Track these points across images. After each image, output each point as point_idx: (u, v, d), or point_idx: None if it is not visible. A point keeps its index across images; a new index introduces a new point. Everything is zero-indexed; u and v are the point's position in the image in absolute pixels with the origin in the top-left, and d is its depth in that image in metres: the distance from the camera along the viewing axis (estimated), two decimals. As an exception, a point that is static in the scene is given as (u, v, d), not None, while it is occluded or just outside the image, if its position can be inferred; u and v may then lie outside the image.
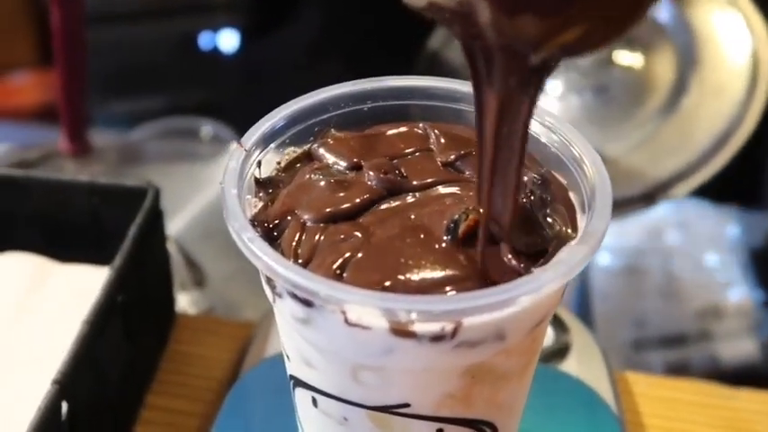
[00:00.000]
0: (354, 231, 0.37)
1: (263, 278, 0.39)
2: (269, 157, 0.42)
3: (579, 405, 0.55)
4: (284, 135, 0.43)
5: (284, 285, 0.35)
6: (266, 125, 0.42)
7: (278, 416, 0.51)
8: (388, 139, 0.43)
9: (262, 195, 0.41)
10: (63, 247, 0.63)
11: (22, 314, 0.58)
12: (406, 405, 0.38)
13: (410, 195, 0.39)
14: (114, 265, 0.54)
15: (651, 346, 0.90)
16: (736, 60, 0.83)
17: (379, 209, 0.39)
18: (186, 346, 0.64)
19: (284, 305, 0.37)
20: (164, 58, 1.35)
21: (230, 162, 0.40)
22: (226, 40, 1.36)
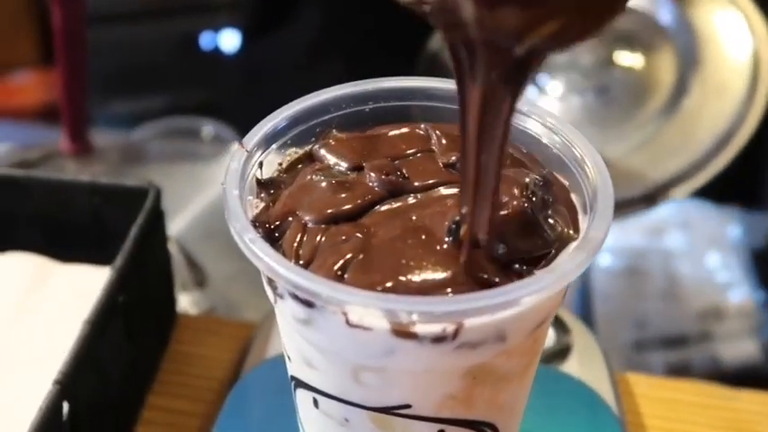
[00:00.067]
0: (355, 232, 0.37)
1: (264, 279, 0.39)
2: (270, 157, 0.42)
3: (580, 406, 0.55)
4: (286, 136, 0.43)
5: (285, 286, 0.35)
6: (268, 126, 0.42)
7: (279, 416, 0.51)
8: (389, 139, 0.43)
9: (263, 196, 0.41)
10: (64, 247, 0.63)
11: (22, 314, 0.58)
12: (407, 406, 0.38)
13: (411, 196, 0.39)
14: (115, 266, 0.54)
15: (652, 346, 0.90)
16: (738, 60, 0.83)
17: (380, 210, 0.39)
18: (187, 346, 0.64)
19: (285, 306, 0.37)
20: (165, 57, 1.35)
21: (232, 163, 0.40)
22: (227, 40, 1.36)
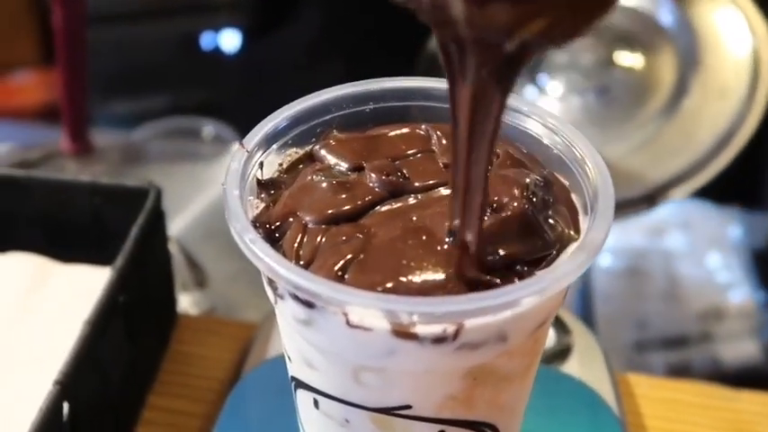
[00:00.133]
0: (356, 233, 0.37)
1: (264, 279, 0.39)
2: (271, 158, 0.42)
3: (581, 406, 0.55)
4: (286, 136, 0.43)
5: (286, 287, 0.35)
6: (268, 126, 0.42)
7: (279, 417, 0.51)
8: (390, 140, 0.43)
9: (263, 196, 0.41)
10: (64, 247, 0.63)
11: (23, 314, 0.58)
12: (407, 407, 0.38)
13: (412, 197, 0.39)
14: (116, 266, 0.54)
15: (653, 347, 0.90)
16: (738, 61, 0.83)
17: (380, 210, 0.39)
18: (188, 346, 0.64)
19: (286, 306, 0.37)
20: (165, 58, 1.35)
21: (232, 163, 0.40)
22: (227, 40, 1.36)
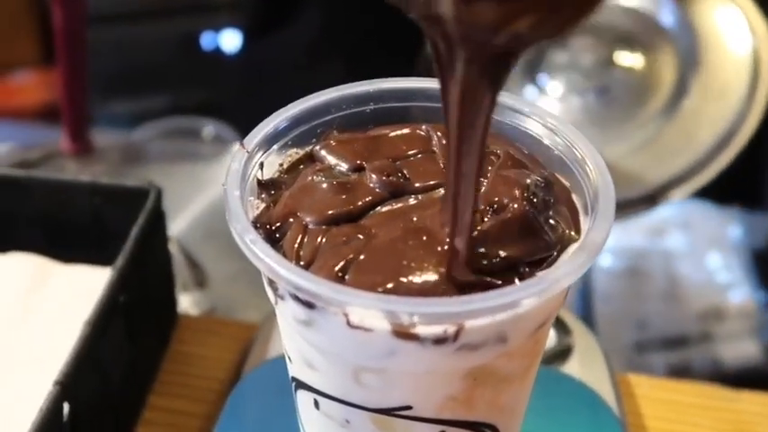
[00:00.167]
0: (356, 233, 0.37)
1: (265, 280, 0.39)
2: (271, 158, 0.42)
3: (581, 407, 0.55)
4: (287, 137, 0.43)
5: (286, 287, 0.35)
6: (269, 126, 0.42)
7: (279, 417, 0.51)
8: (390, 140, 0.43)
9: (264, 197, 0.41)
10: (65, 247, 0.63)
11: (23, 314, 0.58)
12: (407, 407, 0.38)
13: (412, 197, 0.39)
14: (116, 266, 0.54)
15: (653, 347, 0.90)
16: (738, 61, 0.82)
17: (381, 211, 0.39)
18: (188, 346, 0.64)
19: (286, 307, 0.37)
20: (165, 57, 1.35)
21: (233, 163, 0.40)
22: (227, 40, 1.36)
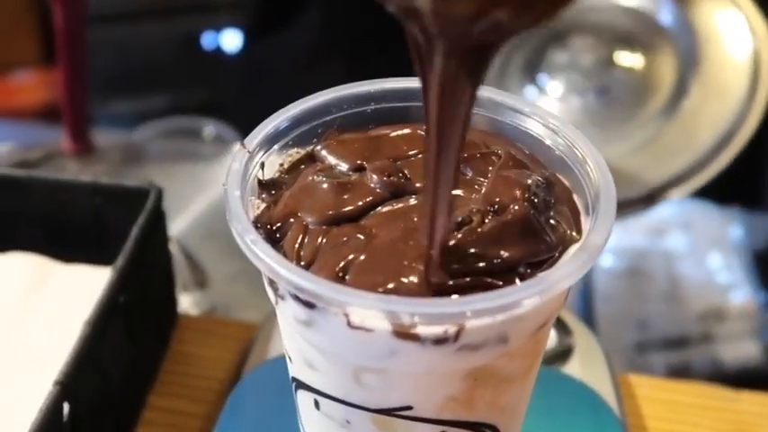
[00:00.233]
0: (357, 233, 0.37)
1: (265, 280, 0.39)
2: (272, 158, 0.42)
3: (582, 407, 0.55)
4: (287, 136, 0.43)
5: (286, 287, 0.35)
6: (269, 126, 0.42)
7: (280, 417, 0.50)
8: (391, 140, 0.43)
9: (264, 197, 0.41)
10: (65, 247, 0.63)
11: (23, 314, 0.58)
12: (408, 408, 0.38)
13: (413, 197, 0.39)
14: (116, 266, 0.54)
15: (654, 348, 0.90)
16: (738, 61, 0.82)
17: (381, 211, 0.39)
18: (188, 346, 0.64)
19: (286, 307, 0.37)
20: (166, 57, 1.35)
21: (233, 163, 0.40)
22: (228, 40, 1.36)
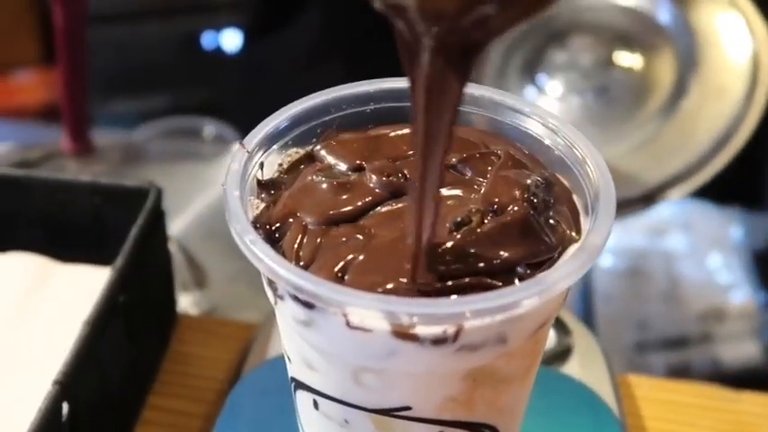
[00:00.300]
0: (356, 234, 0.37)
1: (264, 280, 0.39)
2: (271, 158, 0.42)
3: (581, 407, 0.55)
4: (287, 136, 0.43)
5: (286, 288, 0.35)
6: (269, 126, 0.42)
7: (279, 417, 0.50)
8: (390, 140, 0.43)
9: (264, 197, 0.41)
10: (65, 247, 0.63)
11: (23, 314, 0.58)
12: (407, 408, 0.38)
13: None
14: (116, 266, 0.54)
15: (653, 348, 0.90)
16: (737, 62, 0.82)
17: (381, 211, 0.39)
18: (188, 346, 0.64)
19: (286, 307, 0.37)
20: (166, 57, 1.35)
21: (232, 163, 0.40)
22: (228, 39, 1.36)
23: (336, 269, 0.36)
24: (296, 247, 0.37)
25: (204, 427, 0.58)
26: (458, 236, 0.36)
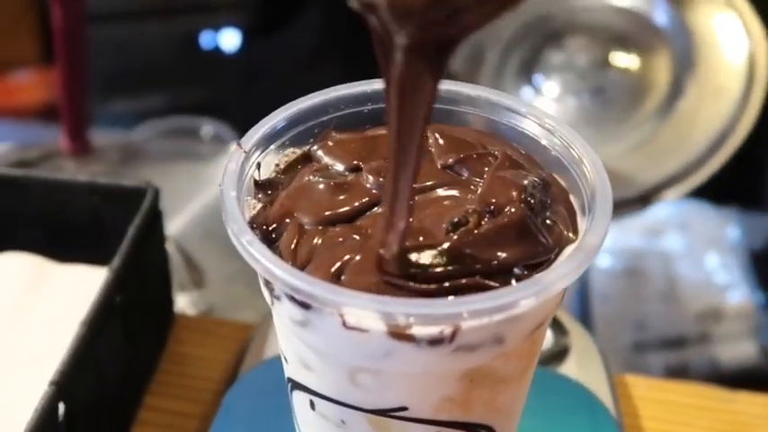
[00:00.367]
0: (353, 234, 0.37)
1: (261, 281, 0.39)
2: (268, 158, 0.42)
3: (578, 408, 0.55)
4: (284, 137, 0.43)
5: (282, 288, 0.35)
6: (266, 126, 0.42)
7: (276, 418, 0.50)
8: (387, 141, 0.42)
9: (261, 197, 0.41)
10: (63, 246, 0.63)
11: (20, 314, 0.58)
12: (404, 408, 0.38)
13: (409, 198, 0.39)
14: (112, 266, 0.54)
15: (651, 348, 0.90)
16: (733, 62, 0.82)
17: (377, 212, 0.39)
18: (185, 346, 0.64)
19: (282, 308, 0.37)
20: (165, 57, 1.35)
21: (229, 164, 0.40)
22: (227, 39, 1.36)
23: (333, 269, 0.36)
24: (293, 247, 0.37)
25: (201, 427, 0.58)
26: (454, 237, 0.36)
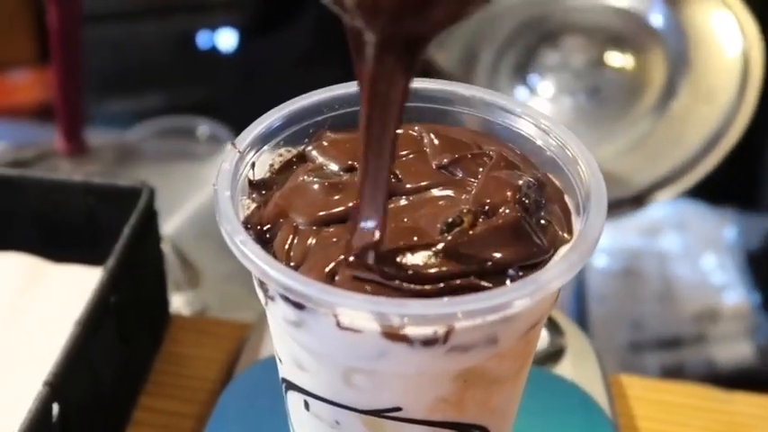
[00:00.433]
0: (347, 234, 0.37)
1: (255, 281, 0.39)
2: (263, 158, 0.42)
3: (573, 408, 0.55)
4: (278, 136, 0.42)
5: (276, 288, 0.35)
6: (260, 126, 0.42)
7: (271, 418, 0.50)
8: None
9: (255, 197, 0.41)
10: (58, 246, 0.63)
11: (15, 314, 0.58)
12: (398, 409, 0.38)
13: (404, 198, 0.39)
14: (107, 266, 0.54)
15: (647, 348, 0.90)
16: (728, 63, 0.83)
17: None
18: (180, 346, 0.64)
19: (276, 308, 0.37)
20: (161, 56, 1.35)
21: (224, 164, 0.40)
22: (224, 39, 1.36)
23: (327, 270, 0.35)
24: (287, 247, 0.37)
25: (196, 427, 0.58)
26: (449, 237, 0.36)
